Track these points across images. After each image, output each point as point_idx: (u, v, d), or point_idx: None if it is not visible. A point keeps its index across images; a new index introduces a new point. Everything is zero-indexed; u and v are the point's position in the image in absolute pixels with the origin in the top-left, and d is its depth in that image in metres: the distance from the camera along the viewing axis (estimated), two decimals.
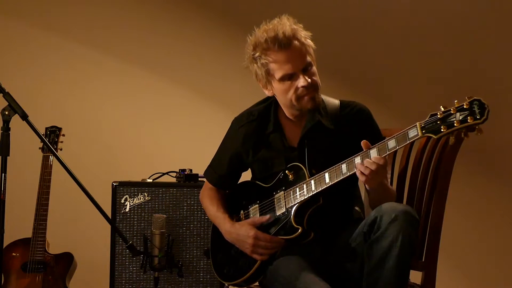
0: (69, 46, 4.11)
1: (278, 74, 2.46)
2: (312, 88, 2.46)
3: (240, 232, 2.56)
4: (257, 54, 2.47)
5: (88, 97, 4.13)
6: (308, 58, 2.46)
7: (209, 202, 2.76)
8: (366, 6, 4.20)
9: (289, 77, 2.45)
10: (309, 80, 2.45)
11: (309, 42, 2.48)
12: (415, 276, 2.47)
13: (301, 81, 2.44)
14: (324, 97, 2.60)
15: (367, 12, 4.19)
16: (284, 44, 2.42)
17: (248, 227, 2.54)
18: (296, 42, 2.44)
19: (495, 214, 4.16)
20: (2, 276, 2.90)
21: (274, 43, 2.43)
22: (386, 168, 2.31)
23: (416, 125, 2.19)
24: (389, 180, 2.62)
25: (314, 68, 2.49)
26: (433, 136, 2.16)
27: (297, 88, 2.46)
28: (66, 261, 3.39)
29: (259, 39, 2.47)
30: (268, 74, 2.49)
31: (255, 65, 2.50)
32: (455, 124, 2.11)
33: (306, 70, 2.45)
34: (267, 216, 2.55)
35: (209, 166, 2.81)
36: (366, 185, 2.36)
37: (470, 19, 4.16)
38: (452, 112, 2.12)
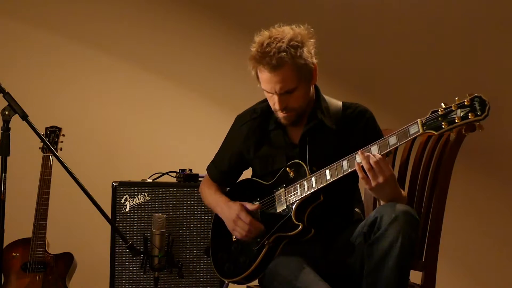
0: (69, 46, 4.11)
1: (261, 85, 2.52)
2: (286, 110, 2.49)
3: (230, 210, 2.60)
4: (254, 56, 2.48)
5: (88, 97, 4.12)
6: (293, 84, 2.44)
7: (207, 189, 2.82)
8: (367, 6, 4.20)
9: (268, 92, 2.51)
10: (281, 105, 2.46)
11: (306, 65, 2.45)
12: (415, 276, 2.47)
13: (276, 104, 2.49)
14: (326, 97, 2.62)
15: (367, 12, 4.19)
16: (268, 67, 2.42)
17: (237, 206, 2.58)
18: (281, 70, 2.42)
19: (496, 213, 4.16)
20: (2, 276, 2.90)
21: (261, 62, 2.44)
22: (390, 175, 2.29)
23: (417, 121, 2.20)
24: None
25: (299, 92, 2.48)
26: (434, 133, 2.16)
27: (274, 103, 2.50)
28: (66, 261, 3.38)
29: (259, 45, 2.46)
30: (257, 78, 2.53)
31: (250, 62, 2.52)
32: (456, 121, 2.11)
33: (287, 93, 2.46)
34: (255, 205, 2.57)
35: (212, 161, 2.85)
36: (369, 188, 2.34)
37: (470, 19, 4.15)
38: (453, 108, 2.13)
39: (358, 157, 2.31)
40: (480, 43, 4.15)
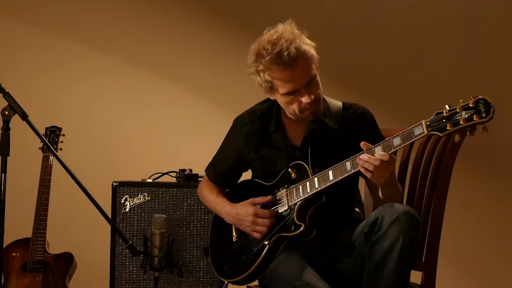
0: (69, 46, 4.11)
1: (282, 90, 2.46)
2: (315, 102, 2.46)
3: (240, 211, 2.58)
4: (260, 68, 2.45)
5: (88, 97, 4.12)
6: (312, 72, 2.44)
7: (208, 191, 2.80)
8: (367, 6, 4.20)
9: (293, 93, 2.45)
10: (312, 96, 2.44)
11: (313, 52, 2.45)
12: (415, 276, 2.47)
13: (305, 98, 2.44)
14: (327, 98, 2.62)
15: (367, 12, 4.19)
16: (288, 64, 2.39)
17: (247, 206, 2.56)
18: (300, 60, 2.40)
19: (496, 213, 4.16)
20: (2, 276, 2.90)
21: (277, 63, 2.40)
22: (393, 163, 2.30)
23: (421, 123, 2.20)
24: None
25: (317, 79, 2.47)
26: (439, 134, 2.17)
27: (300, 102, 2.46)
28: (66, 261, 3.38)
29: (262, 52, 2.43)
30: (272, 88, 2.49)
31: (258, 77, 2.49)
32: (460, 122, 2.12)
33: (309, 83, 2.44)
34: (268, 197, 2.56)
35: (210, 162, 2.83)
36: (375, 181, 2.34)
37: (470, 20, 4.15)
38: (458, 110, 2.14)
39: (361, 160, 2.30)
40: (480, 44, 4.15)
